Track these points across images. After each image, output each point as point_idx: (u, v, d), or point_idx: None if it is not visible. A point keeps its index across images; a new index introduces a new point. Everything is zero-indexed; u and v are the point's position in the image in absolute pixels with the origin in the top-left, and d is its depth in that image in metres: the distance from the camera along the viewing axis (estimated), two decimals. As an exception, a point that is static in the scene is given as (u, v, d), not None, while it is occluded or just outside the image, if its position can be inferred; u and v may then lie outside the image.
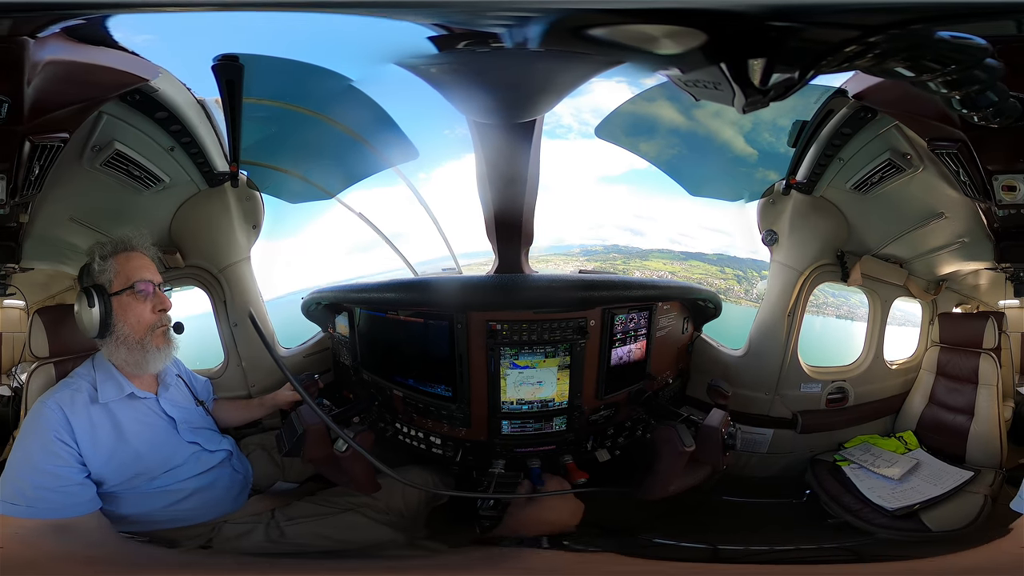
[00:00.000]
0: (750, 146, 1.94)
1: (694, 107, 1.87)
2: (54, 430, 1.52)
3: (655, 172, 1.96)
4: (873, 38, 1.22)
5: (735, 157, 1.95)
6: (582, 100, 1.82)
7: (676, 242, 2.01)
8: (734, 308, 2.07)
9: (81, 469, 1.53)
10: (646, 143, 1.92)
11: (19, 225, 1.70)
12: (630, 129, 1.90)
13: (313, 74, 1.64)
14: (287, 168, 1.87)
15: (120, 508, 1.59)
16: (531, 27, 1.30)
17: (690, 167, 1.96)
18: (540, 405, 1.82)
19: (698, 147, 1.93)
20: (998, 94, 1.38)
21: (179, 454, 1.67)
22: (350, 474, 1.67)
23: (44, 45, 1.42)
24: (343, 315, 2.00)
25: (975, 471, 1.87)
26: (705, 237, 2.02)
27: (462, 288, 1.80)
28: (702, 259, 2.03)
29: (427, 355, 1.84)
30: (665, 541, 1.73)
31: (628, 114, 1.85)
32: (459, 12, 1.33)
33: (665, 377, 2.04)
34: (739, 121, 1.91)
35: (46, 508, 1.48)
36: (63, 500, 1.50)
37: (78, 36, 1.46)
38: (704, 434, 1.76)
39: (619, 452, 1.96)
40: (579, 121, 1.86)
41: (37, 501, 1.48)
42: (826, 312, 2.08)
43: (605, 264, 2.02)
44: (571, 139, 1.86)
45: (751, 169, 1.98)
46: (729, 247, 2.05)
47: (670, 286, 1.98)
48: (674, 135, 1.91)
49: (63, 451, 1.52)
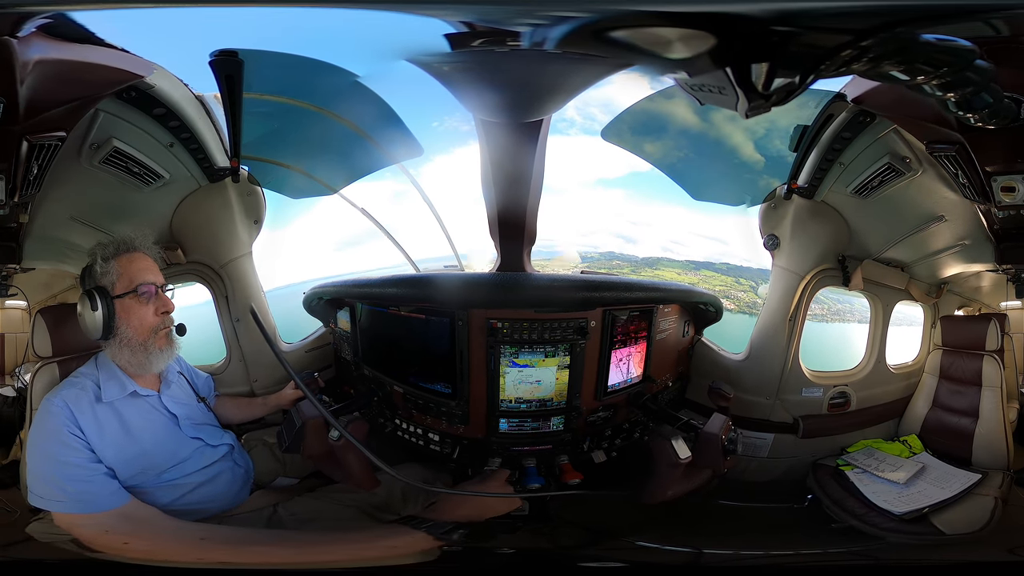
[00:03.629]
0: (758, 151, 1.94)
1: (709, 110, 1.88)
2: (65, 425, 1.56)
3: (654, 176, 1.95)
4: (865, 42, 1.24)
5: (739, 162, 1.95)
6: (592, 94, 1.79)
7: (668, 250, 1.99)
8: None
9: (97, 460, 1.57)
10: (652, 144, 1.92)
11: (19, 225, 1.71)
12: (637, 129, 1.90)
13: (317, 70, 1.66)
14: (288, 163, 1.88)
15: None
16: (556, 28, 1.32)
17: (693, 171, 1.96)
18: (538, 404, 1.82)
19: (706, 150, 1.93)
20: (993, 95, 1.40)
21: (183, 449, 1.69)
22: (348, 470, 1.67)
23: (30, 45, 1.44)
24: (345, 310, 2.00)
25: (983, 473, 1.86)
26: (699, 245, 2.00)
27: (464, 285, 1.81)
28: (711, 268, 2.02)
29: (427, 351, 1.84)
30: (648, 544, 1.72)
31: (637, 113, 1.86)
32: (496, 10, 1.35)
33: (665, 380, 2.03)
34: (749, 126, 1.92)
35: (90, 501, 1.53)
36: (98, 490, 1.55)
37: (65, 35, 1.48)
38: (704, 439, 1.76)
39: (615, 454, 1.95)
40: (584, 116, 1.84)
41: (80, 495, 1.53)
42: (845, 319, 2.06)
43: (613, 272, 2.01)
44: (572, 134, 1.84)
45: (754, 174, 1.98)
46: (724, 254, 2.03)
47: (671, 288, 1.97)
48: (683, 137, 1.91)
49: (78, 444, 1.55)
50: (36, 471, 1.57)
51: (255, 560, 1.56)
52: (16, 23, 1.39)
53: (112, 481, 1.57)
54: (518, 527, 1.76)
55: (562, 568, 1.74)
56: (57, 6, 1.37)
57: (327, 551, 1.59)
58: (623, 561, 1.70)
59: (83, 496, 1.54)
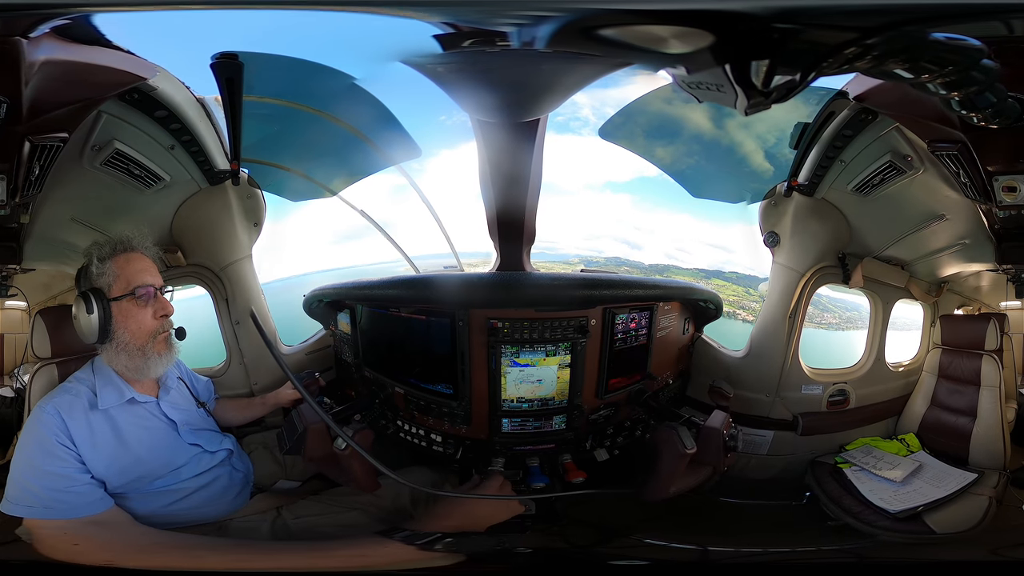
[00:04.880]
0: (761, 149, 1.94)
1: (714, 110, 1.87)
2: (54, 434, 1.52)
3: (661, 182, 1.94)
4: (870, 40, 1.23)
5: (738, 159, 1.95)
6: (609, 93, 1.77)
7: (672, 256, 1.99)
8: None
9: (84, 470, 1.54)
10: (659, 146, 1.91)
11: (20, 226, 1.70)
12: (643, 129, 1.88)
13: (315, 72, 1.65)
14: (288, 165, 1.87)
15: (122, 507, 1.59)
16: (541, 27, 1.31)
17: (693, 168, 1.96)
18: (540, 403, 1.82)
19: (709, 150, 1.93)
20: (997, 95, 1.39)
21: (180, 456, 1.66)
22: (350, 473, 1.67)
23: (38, 45, 1.43)
24: (345, 312, 2.00)
25: (979, 473, 1.86)
26: (703, 252, 1.99)
27: (464, 285, 1.81)
28: (721, 276, 2.02)
29: (428, 352, 1.84)
30: (655, 542, 1.74)
31: (643, 112, 1.85)
32: (473, 11, 1.34)
33: (665, 377, 2.04)
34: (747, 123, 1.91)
35: (64, 508, 1.50)
36: (76, 500, 1.51)
37: (73, 36, 1.47)
38: (705, 435, 1.76)
39: (618, 452, 1.96)
40: (599, 116, 1.81)
41: (53, 503, 1.50)
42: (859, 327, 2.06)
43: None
44: (584, 134, 1.83)
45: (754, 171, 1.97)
46: (727, 262, 2.03)
47: (672, 286, 1.98)
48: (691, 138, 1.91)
49: (65, 454, 1.52)
50: (16, 476, 1.53)
51: (246, 566, 1.56)
52: (32, 24, 1.38)
53: (96, 490, 1.54)
54: (528, 527, 1.77)
55: (575, 566, 1.75)
56: (75, 8, 1.36)
57: (318, 558, 1.58)
58: (631, 558, 1.71)
59: (56, 504, 1.50)
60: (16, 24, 1.37)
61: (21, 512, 1.52)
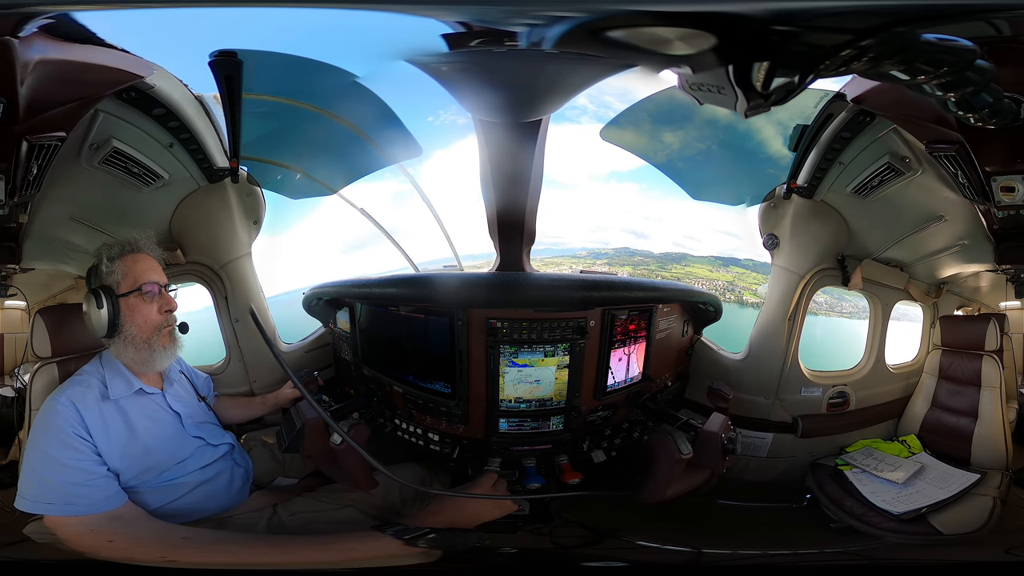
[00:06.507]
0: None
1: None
2: (70, 426, 1.55)
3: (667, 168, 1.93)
4: (865, 41, 1.24)
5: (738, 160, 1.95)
6: (607, 82, 1.72)
7: (680, 245, 1.98)
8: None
9: (101, 462, 1.56)
10: (659, 147, 1.91)
11: (19, 225, 1.72)
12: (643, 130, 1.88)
13: (316, 70, 1.66)
14: (288, 163, 1.88)
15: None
16: (554, 27, 1.32)
17: (692, 170, 1.96)
18: (538, 404, 1.82)
19: (708, 152, 1.93)
20: (992, 95, 1.39)
21: (185, 448, 1.70)
22: (347, 470, 1.67)
23: (31, 45, 1.44)
24: (344, 310, 2.00)
25: (981, 473, 1.86)
26: (712, 240, 1.98)
27: (464, 284, 1.81)
28: (738, 264, 2.01)
29: (427, 351, 1.84)
30: (647, 544, 1.73)
31: (644, 111, 1.85)
32: (494, 10, 1.35)
33: (664, 380, 2.03)
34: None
35: (85, 504, 1.53)
36: (95, 494, 1.54)
37: (66, 35, 1.48)
38: (703, 439, 1.75)
39: (615, 454, 1.95)
40: (598, 104, 1.79)
41: (74, 499, 1.52)
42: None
43: (638, 270, 1.98)
44: (583, 123, 1.81)
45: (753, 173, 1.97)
46: (737, 249, 2.02)
47: (671, 288, 1.97)
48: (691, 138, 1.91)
49: (82, 446, 1.55)
50: (30, 472, 1.55)
51: (242, 561, 1.56)
52: (18, 23, 1.39)
53: (112, 483, 1.57)
54: (519, 527, 1.76)
55: (563, 568, 1.74)
56: (59, 6, 1.37)
57: (317, 552, 1.59)
58: (624, 560, 1.70)
59: (77, 499, 1.52)
60: (2, 24, 1.38)
61: (41, 510, 1.54)
